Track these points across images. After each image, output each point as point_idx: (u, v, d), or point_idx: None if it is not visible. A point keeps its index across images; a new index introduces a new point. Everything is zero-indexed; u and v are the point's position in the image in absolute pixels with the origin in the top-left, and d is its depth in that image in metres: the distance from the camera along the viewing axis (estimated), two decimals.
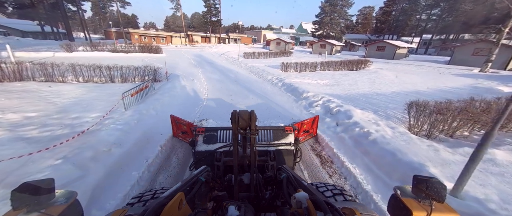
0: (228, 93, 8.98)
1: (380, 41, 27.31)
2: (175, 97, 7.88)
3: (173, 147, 4.36)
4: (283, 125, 4.17)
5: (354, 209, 0.94)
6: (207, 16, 53.09)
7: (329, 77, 12.33)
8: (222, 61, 21.53)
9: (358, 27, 76.99)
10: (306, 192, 1.02)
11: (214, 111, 6.80)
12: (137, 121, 5.24)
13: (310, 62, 14.89)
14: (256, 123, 1.63)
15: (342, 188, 1.86)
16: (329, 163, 3.98)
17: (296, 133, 3.51)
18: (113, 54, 20.21)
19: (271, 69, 15.04)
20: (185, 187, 1.31)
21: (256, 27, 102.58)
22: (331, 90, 9.21)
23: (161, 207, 0.87)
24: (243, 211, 1.14)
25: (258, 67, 15.66)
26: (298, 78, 11.67)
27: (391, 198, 0.84)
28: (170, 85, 8.78)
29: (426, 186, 0.73)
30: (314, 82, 10.82)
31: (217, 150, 2.75)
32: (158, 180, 3.40)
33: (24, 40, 28.60)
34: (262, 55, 23.81)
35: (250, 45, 53.83)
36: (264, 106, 7.45)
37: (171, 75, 11.14)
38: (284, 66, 14.37)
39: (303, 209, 0.90)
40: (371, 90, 9.48)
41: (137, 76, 9.35)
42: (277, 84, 10.64)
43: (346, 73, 14.03)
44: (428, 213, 0.70)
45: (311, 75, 12.85)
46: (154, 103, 6.64)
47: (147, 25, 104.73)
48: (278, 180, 1.78)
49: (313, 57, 26.27)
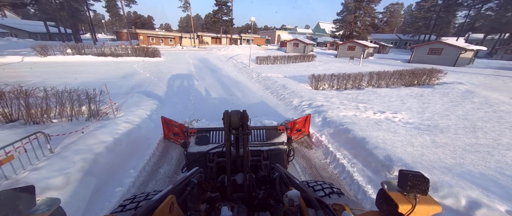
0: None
1: (435, 42, 20.92)
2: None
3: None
4: (276, 124, 4.52)
5: (344, 205, 0.96)
6: (218, 15, 49.46)
7: (398, 103, 7.33)
8: (228, 69, 17.20)
9: (384, 26, 69.26)
10: (298, 190, 1.03)
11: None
12: None
13: (351, 74, 9.99)
14: (249, 123, 1.62)
15: (334, 185, 1.88)
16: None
17: (288, 132, 3.44)
18: (99, 58, 16.74)
19: (294, 82, 10.37)
20: (176, 190, 1.26)
21: (269, 28, 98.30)
22: (446, 153, 4.29)
23: (151, 210, 0.85)
24: (236, 212, 1.19)
25: (275, 80, 11.07)
26: (345, 105, 6.89)
27: (379, 192, 0.85)
28: (91, 142, 3.94)
29: (410, 180, 0.74)
30: (382, 117, 5.95)
31: (210, 151, 2.57)
32: None
33: (7, 43, 26.57)
34: (279, 60, 19.15)
35: (263, 47, 49.32)
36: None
37: (141, 96, 6.95)
38: (315, 80, 9.61)
39: (295, 207, 0.92)
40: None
41: (68, 104, 5.18)
42: (313, 120, 5.96)
43: (419, 94, 8.69)
44: (413, 205, 0.72)
45: (364, 99, 7.95)
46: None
47: (162, 26, 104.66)
48: (271, 179, 1.79)
49: (342, 63, 21.07)
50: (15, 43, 26.84)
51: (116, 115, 5.19)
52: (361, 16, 46.17)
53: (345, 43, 27.65)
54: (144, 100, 6.67)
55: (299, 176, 3.71)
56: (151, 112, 5.96)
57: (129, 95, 7.49)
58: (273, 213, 1.38)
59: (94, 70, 12.45)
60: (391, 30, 70.39)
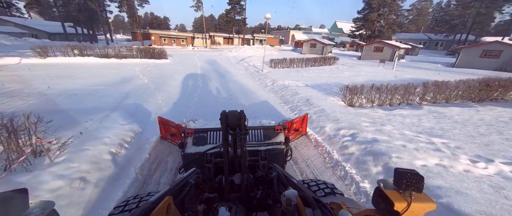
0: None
1: (492, 43, 16.16)
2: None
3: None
4: (273, 124, 4.36)
5: (342, 204, 0.96)
6: (231, 14, 47.87)
7: (497, 138, 4.69)
8: (238, 73, 15.18)
9: (409, 25, 63.46)
10: (296, 190, 1.02)
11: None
12: None
13: (399, 85, 7.43)
14: (246, 123, 1.64)
15: (332, 184, 1.84)
16: None
17: (286, 132, 3.48)
18: (101, 60, 15.54)
19: (319, 95, 8.04)
20: (173, 191, 1.23)
21: (282, 28, 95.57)
22: None
23: (148, 212, 0.82)
24: (234, 212, 1.18)
25: (295, 90, 8.79)
26: (411, 140, 4.45)
27: (375, 190, 0.85)
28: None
29: (406, 178, 0.74)
30: (491, 171, 3.47)
31: (207, 152, 2.55)
32: None
33: (22, 43, 26.70)
34: (295, 63, 16.76)
35: (276, 47, 46.90)
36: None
37: (116, 118, 5.09)
38: (349, 93, 7.19)
39: (293, 206, 0.92)
40: None
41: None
42: (362, 172, 3.64)
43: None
44: (408, 203, 0.72)
45: (433, 127, 5.39)
46: None
47: (178, 27, 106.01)
48: (269, 179, 1.78)
49: (370, 67, 18.17)
50: (29, 43, 27.09)
51: (54, 159, 3.28)
52: (385, 14, 42.06)
53: (371, 44, 24.37)
54: (118, 125, 4.76)
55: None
56: (120, 147, 4.01)
57: (106, 112, 5.68)
58: (271, 213, 1.36)
59: (89, 74, 11.02)
60: (417, 29, 64.49)
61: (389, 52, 22.02)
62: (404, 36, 47.92)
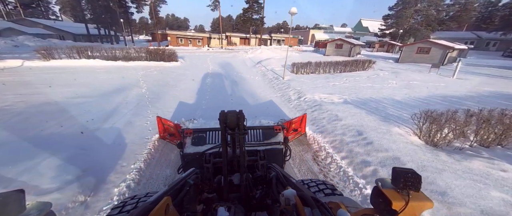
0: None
1: None
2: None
3: None
4: (272, 124, 4.47)
5: (340, 203, 0.96)
6: (248, 13, 45.87)
7: None
8: (254, 80, 12.85)
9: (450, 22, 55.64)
10: (294, 189, 1.01)
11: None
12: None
13: (508, 113, 4.46)
14: (245, 123, 1.62)
15: (330, 184, 1.87)
16: None
17: (285, 132, 3.43)
18: (107, 63, 14.34)
19: (375, 122, 5.34)
20: (172, 191, 1.21)
21: (301, 27, 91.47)
22: None
23: (146, 213, 0.82)
24: (233, 212, 1.17)
25: (331, 110, 6.17)
26: None
27: (373, 190, 0.86)
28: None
29: (403, 177, 0.74)
30: None
31: (206, 152, 2.53)
32: None
33: (45, 44, 27.24)
34: (322, 67, 13.94)
35: (295, 47, 43.77)
36: None
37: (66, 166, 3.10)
38: (429, 122, 4.40)
39: (292, 206, 0.91)
40: None
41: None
42: None
43: None
44: (406, 202, 0.73)
45: None
46: None
47: (197, 28, 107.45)
48: (268, 179, 1.79)
49: (419, 73, 14.63)
50: (52, 44, 27.74)
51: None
52: (424, 9, 36.71)
53: (414, 44, 20.31)
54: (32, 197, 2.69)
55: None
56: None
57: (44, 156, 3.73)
58: (270, 213, 1.37)
59: (82, 81, 9.54)
60: (458, 27, 56.38)
61: (438, 54, 17.98)
62: (445, 35, 41.58)
